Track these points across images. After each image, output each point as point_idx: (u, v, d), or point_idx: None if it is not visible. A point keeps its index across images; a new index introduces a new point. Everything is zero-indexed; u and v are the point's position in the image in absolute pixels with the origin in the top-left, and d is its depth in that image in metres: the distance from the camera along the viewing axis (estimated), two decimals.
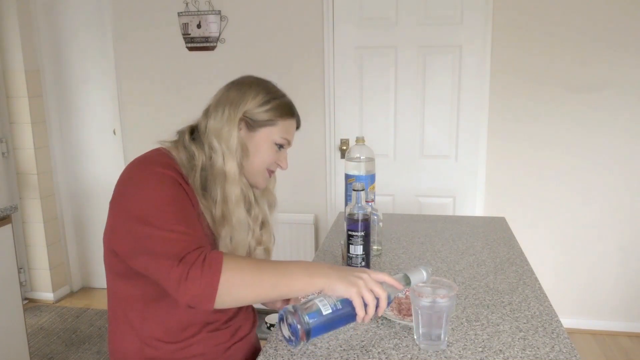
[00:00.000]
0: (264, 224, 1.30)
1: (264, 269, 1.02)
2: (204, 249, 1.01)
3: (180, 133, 1.23)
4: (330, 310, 1.01)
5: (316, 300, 1.02)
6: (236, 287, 0.99)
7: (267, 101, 1.20)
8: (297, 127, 1.29)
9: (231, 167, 1.16)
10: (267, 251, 1.32)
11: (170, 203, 1.05)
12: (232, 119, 1.17)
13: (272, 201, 1.35)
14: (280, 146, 1.24)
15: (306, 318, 0.99)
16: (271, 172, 1.28)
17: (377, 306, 1.03)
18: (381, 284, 1.06)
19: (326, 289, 1.02)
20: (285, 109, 1.23)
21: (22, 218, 3.48)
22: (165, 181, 1.08)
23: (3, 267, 2.35)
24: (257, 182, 1.25)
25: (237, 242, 1.19)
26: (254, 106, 1.19)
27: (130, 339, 1.18)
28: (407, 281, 1.11)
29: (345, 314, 1.02)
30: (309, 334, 0.99)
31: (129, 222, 1.06)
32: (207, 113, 1.21)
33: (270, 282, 1.01)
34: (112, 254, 1.15)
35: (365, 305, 1.02)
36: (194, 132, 1.22)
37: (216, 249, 1.14)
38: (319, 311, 1.00)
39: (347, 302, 1.02)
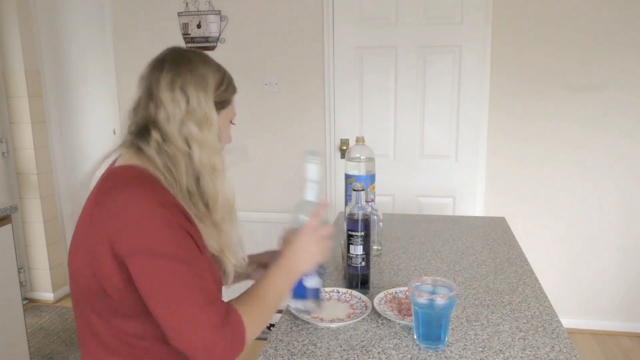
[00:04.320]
0: None
1: (267, 304, 1.08)
2: (224, 320, 0.96)
3: (139, 135, 1.06)
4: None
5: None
6: (254, 335, 1.04)
7: (222, 80, 1.10)
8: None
9: (218, 157, 1.07)
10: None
11: (175, 257, 0.96)
12: (208, 102, 1.06)
13: None
14: (231, 123, 1.17)
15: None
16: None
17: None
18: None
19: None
20: (233, 85, 1.14)
21: (22, 218, 3.48)
22: (164, 219, 0.97)
23: (3, 267, 2.35)
24: None
25: (235, 240, 1.11)
26: (215, 87, 1.08)
27: None
28: (304, 208, 1.20)
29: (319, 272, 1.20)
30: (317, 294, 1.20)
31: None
32: (157, 105, 1.05)
33: (272, 312, 1.09)
34: (102, 293, 1.01)
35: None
36: (151, 130, 1.06)
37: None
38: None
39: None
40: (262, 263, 1.30)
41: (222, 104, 1.11)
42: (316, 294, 1.20)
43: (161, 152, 1.04)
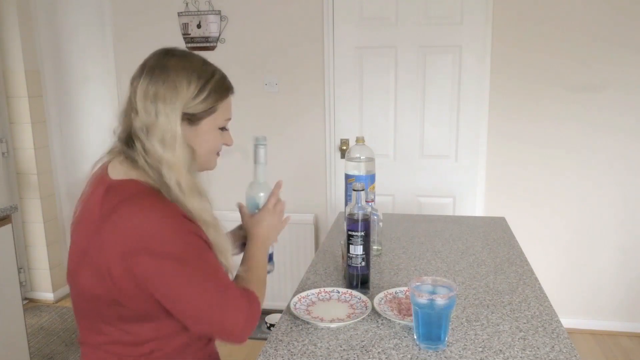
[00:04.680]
0: None
1: (260, 274, 1.21)
2: (244, 303, 1.08)
3: (126, 142, 1.06)
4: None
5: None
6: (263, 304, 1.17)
7: (202, 88, 1.05)
8: (233, 92, 1.15)
9: (184, 178, 1.03)
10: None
11: (190, 243, 1.03)
12: (172, 119, 1.02)
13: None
14: (223, 129, 1.14)
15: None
16: (218, 154, 1.18)
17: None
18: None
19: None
20: (222, 89, 1.09)
21: (22, 218, 3.48)
22: (178, 228, 1.01)
23: (3, 267, 2.35)
24: (209, 167, 1.17)
25: (224, 247, 1.11)
26: (189, 98, 1.04)
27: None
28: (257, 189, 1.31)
29: None
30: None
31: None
32: (134, 112, 1.04)
33: (265, 281, 1.23)
34: (113, 303, 1.03)
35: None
36: (134, 139, 1.05)
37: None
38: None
39: None
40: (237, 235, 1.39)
41: (202, 113, 1.07)
42: (270, 257, 1.35)
43: (148, 164, 1.03)
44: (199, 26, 3.21)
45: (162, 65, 1.05)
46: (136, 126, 1.03)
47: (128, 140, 1.06)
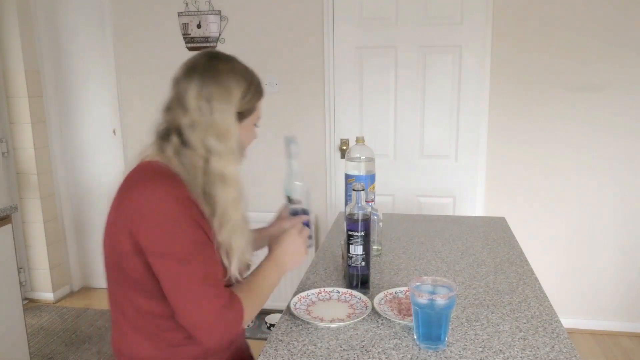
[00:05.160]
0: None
1: (261, 292, 1.21)
2: (227, 305, 1.09)
3: (163, 136, 1.15)
4: None
5: None
6: (249, 319, 1.17)
7: (247, 89, 1.17)
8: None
9: (231, 168, 1.13)
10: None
11: (187, 235, 1.07)
12: (229, 115, 1.14)
13: None
14: (256, 125, 1.27)
15: None
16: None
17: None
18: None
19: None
20: (259, 91, 1.22)
21: (22, 218, 3.48)
22: (179, 215, 1.06)
23: (3, 267, 2.35)
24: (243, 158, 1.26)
25: (235, 248, 1.15)
26: (240, 98, 1.15)
27: (145, 345, 1.17)
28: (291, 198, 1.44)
29: None
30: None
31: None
32: (183, 110, 1.13)
33: (265, 299, 1.23)
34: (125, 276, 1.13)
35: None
36: (172, 134, 1.14)
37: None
38: None
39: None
40: (264, 234, 1.49)
41: (247, 112, 1.19)
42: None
43: (179, 154, 1.13)
44: (199, 26, 3.21)
45: (214, 69, 1.15)
46: (184, 122, 1.12)
47: (166, 134, 1.15)
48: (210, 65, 1.15)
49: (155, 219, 1.05)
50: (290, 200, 1.47)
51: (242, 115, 1.18)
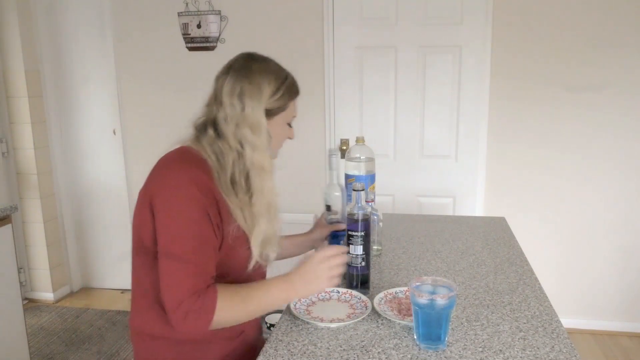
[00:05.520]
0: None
1: (250, 301, 1.17)
2: (201, 291, 1.11)
3: (200, 129, 1.25)
4: None
5: None
6: (227, 321, 1.16)
7: (278, 88, 1.24)
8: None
9: (266, 159, 1.22)
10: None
11: (192, 227, 1.12)
12: (259, 111, 1.22)
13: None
14: (290, 124, 1.33)
15: None
16: (281, 145, 1.36)
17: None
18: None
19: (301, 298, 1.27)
20: (293, 90, 1.29)
21: (22, 218, 3.48)
22: (193, 200, 1.12)
23: (3, 267, 2.35)
24: (274, 156, 1.32)
25: (269, 235, 1.23)
26: (269, 96, 1.23)
27: (158, 320, 1.22)
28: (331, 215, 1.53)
29: None
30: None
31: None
32: (218, 105, 1.23)
33: (255, 311, 1.20)
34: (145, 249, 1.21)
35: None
36: (208, 126, 1.24)
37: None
38: None
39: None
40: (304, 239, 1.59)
41: (277, 109, 1.26)
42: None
43: (213, 144, 1.21)
44: (199, 26, 3.21)
45: (247, 69, 1.24)
46: (219, 116, 1.22)
47: (204, 126, 1.24)
48: (245, 64, 1.25)
49: (169, 201, 1.13)
50: (328, 208, 1.58)
51: (272, 113, 1.25)
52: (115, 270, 3.69)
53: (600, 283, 3.06)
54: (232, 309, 1.15)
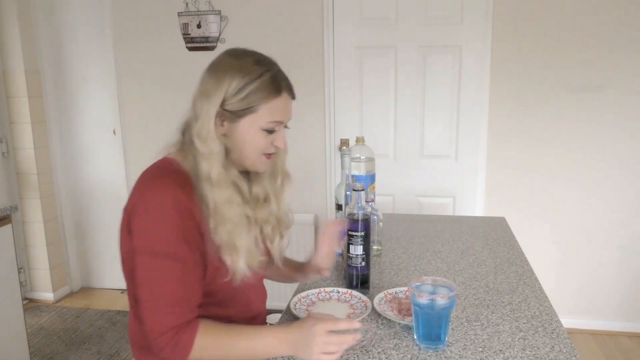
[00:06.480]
0: (274, 205, 1.27)
1: (234, 349, 1.07)
2: (180, 327, 1.04)
3: (181, 133, 1.16)
4: None
5: None
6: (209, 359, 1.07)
7: (241, 88, 1.08)
8: (293, 98, 1.18)
9: (213, 167, 1.08)
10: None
11: (169, 256, 1.04)
12: (208, 115, 1.08)
13: (286, 177, 1.31)
14: (270, 131, 1.14)
15: None
16: (269, 156, 1.19)
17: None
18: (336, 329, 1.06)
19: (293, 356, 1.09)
20: (266, 90, 1.11)
21: (22, 218, 3.48)
22: (170, 225, 1.04)
23: (3, 267, 2.35)
24: (257, 168, 1.19)
25: (240, 247, 1.11)
26: (229, 95, 1.08)
27: (139, 334, 1.20)
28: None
29: None
30: None
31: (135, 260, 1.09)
32: (192, 106, 1.13)
33: (242, 355, 1.08)
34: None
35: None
36: (186, 131, 1.16)
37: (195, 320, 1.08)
38: None
39: None
40: (298, 266, 1.44)
41: (242, 111, 1.09)
42: None
43: (190, 151, 1.11)
44: (199, 26, 3.21)
45: (217, 63, 1.12)
46: (190, 118, 1.13)
47: (181, 132, 1.17)
48: (218, 60, 1.13)
49: (146, 226, 1.05)
50: (339, 207, 1.58)
51: (236, 114, 1.10)
52: (115, 270, 3.69)
53: (600, 283, 3.06)
54: (214, 349, 1.06)
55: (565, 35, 2.85)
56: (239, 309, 1.23)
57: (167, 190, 1.05)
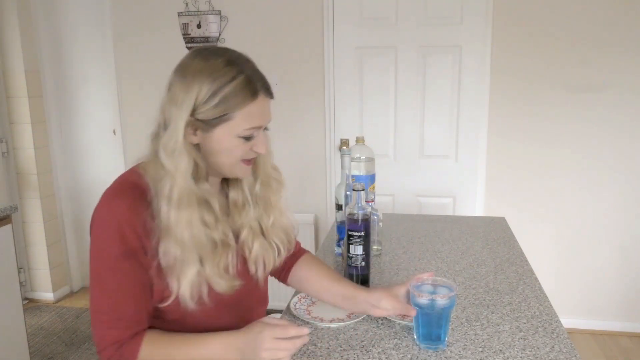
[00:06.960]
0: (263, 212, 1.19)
1: (185, 350, 1.04)
2: (123, 341, 1.02)
3: (151, 140, 1.08)
4: None
5: None
6: None
7: (213, 94, 0.98)
8: (271, 97, 1.06)
9: (176, 190, 1.00)
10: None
11: (113, 270, 1.01)
12: (177, 126, 0.99)
13: (270, 181, 1.20)
14: (247, 137, 1.04)
15: None
16: (249, 162, 1.09)
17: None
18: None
19: None
20: (241, 95, 0.99)
21: (22, 218, 3.48)
22: (113, 237, 0.99)
23: (3, 267, 2.35)
24: (236, 175, 1.10)
25: (186, 273, 1.03)
26: (200, 103, 0.98)
27: None
28: None
29: None
30: None
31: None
32: (160, 112, 1.05)
33: None
34: None
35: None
36: (152, 139, 1.07)
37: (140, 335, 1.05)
38: None
39: None
40: (351, 292, 1.25)
41: (216, 120, 1.00)
42: None
43: (158, 162, 1.03)
44: (199, 26, 3.21)
45: (185, 66, 1.02)
46: (159, 126, 1.05)
47: (152, 138, 1.08)
48: (185, 62, 1.03)
49: (93, 238, 1.03)
50: (339, 207, 1.61)
51: (209, 124, 1.00)
52: None
53: (600, 283, 3.06)
54: (160, 358, 1.04)
55: (565, 35, 2.85)
56: (236, 314, 1.18)
57: (114, 207, 1.00)
